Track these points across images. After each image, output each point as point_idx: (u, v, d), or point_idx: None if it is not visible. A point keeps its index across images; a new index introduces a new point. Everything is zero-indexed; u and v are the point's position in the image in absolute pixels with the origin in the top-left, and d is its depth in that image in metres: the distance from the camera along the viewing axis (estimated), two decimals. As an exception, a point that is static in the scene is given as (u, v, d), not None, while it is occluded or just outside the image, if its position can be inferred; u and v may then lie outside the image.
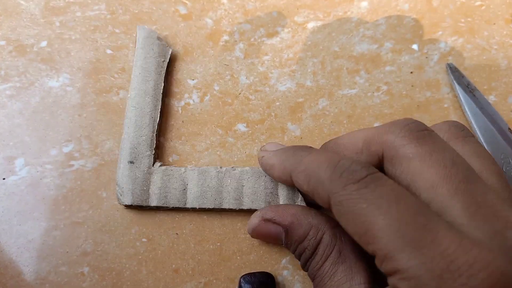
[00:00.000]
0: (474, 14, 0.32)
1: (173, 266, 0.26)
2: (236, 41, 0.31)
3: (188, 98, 0.29)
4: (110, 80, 0.29)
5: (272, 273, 0.25)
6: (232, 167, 0.26)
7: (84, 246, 0.26)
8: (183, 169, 0.26)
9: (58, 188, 0.26)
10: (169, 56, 0.28)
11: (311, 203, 0.25)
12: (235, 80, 0.30)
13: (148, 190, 0.26)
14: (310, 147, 0.23)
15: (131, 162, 0.26)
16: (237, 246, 0.26)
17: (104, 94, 0.29)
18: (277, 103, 0.29)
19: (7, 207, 0.26)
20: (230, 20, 0.31)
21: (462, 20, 0.32)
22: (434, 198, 0.18)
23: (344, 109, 0.29)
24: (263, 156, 0.25)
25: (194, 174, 0.26)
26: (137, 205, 0.26)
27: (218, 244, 0.26)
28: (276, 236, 0.23)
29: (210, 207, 0.26)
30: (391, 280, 0.17)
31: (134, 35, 0.30)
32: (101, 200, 0.26)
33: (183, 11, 0.31)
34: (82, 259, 0.25)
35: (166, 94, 0.29)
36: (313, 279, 0.21)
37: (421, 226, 0.17)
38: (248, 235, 0.27)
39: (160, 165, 0.26)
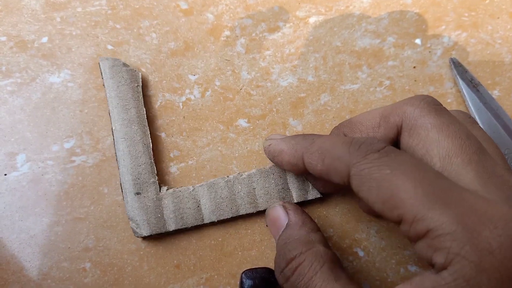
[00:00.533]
0: (478, 8, 0.32)
1: (175, 261, 0.26)
2: (238, 36, 0.30)
3: (189, 93, 0.29)
4: (111, 75, 0.29)
5: (273, 269, 0.25)
6: (239, 173, 0.26)
7: (86, 242, 0.26)
8: (191, 187, 0.26)
9: (59, 184, 0.26)
10: (140, 81, 0.28)
11: (321, 190, 0.26)
12: (236, 75, 0.30)
13: (163, 216, 0.25)
14: (319, 134, 0.23)
15: (138, 193, 0.25)
16: (238, 242, 0.26)
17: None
18: (279, 99, 0.29)
19: (9, 202, 0.26)
20: (231, 15, 0.31)
21: (466, 14, 0.32)
22: (448, 167, 0.19)
23: (346, 104, 0.29)
24: (270, 144, 0.24)
25: (204, 190, 0.25)
26: (155, 234, 0.25)
27: (220, 239, 0.26)
28: (279, 226, 0.24)
29: (228, 217, 0.25)
30: (421, 244, 0.17)
31: (135, 30, 0.30)
32: (103, 196, 0.26)
33: (184, 6, 0.31)
34: (84, 255, 0.25)
35: (167, 90, 0.29)
36: None
37: (446, 187, 0.17)
38: (250, 231, 0.27)
39: (167, 189, 0.26)
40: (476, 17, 0.32)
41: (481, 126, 0.28)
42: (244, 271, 0.25)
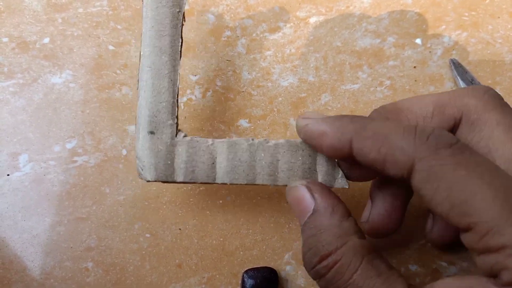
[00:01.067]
0: (478, 8, 0.32)
1: (177, 261, 0.26)
2: (238, 36, 0.30)
3: (190, 94, 0.29)
4: (113, 76, 0.29)
5: (275, 268, 0.26)
6: (265, 139, 0.23)
7: (88, 241, 0.26)
8: (210, 140, 0.23)
9: (61, 184, 0.27)
10: (184, 7, 0.24)
11: (348, 175, 0.23)
12: (237, 75, 0.30)
13: (173, 164, 0.23)
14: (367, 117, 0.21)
15: (152, 133, 0.23)
16: (240, 242, 0.26)
17: (106, 90, 0.29)
18: (280, 99, 0.29)
19: (11, 203, 0.26)
20: (232, 15, 0.31)
21: (466, 14, 0.32)
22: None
23: (347, 104, 0.29)
24: (307, 124, 0.21)
25: (223, 147, 0.23)
26: (161, 181, 0.23)
27: (221, 239, 0.26)
28: (304, 209, 0.20)
29: (242, 182, 0.23)
30: (488, 258, 0.16)
31: (137, 31, 0.30)
32: (105, 196, 0.27)
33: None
34: (86, 254, 0.26)
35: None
36: None
37: None
38: (251, 231, 0.27)
39: (184, 136, 0.23)
40: (477, 16, 0.32)
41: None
42: (245, 271, 0.25)
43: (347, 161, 0.22)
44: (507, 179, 0.16)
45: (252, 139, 0.23)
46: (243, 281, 0.25)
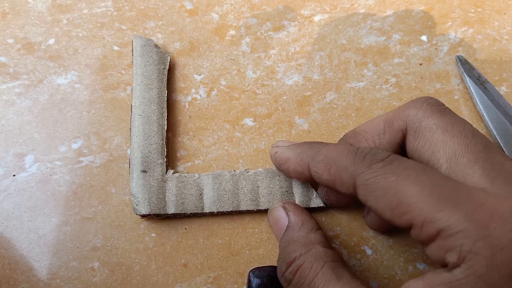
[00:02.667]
0: (484, 4, 0.32)
1: (182, 260, 0.26)
2: (243, 35, 0.30)
3: (195, 93, 0.29)
4: (117, 76, 0.29)
5: (281, 267, 0.25)
6: (246, 170, 0.26)
7: (94, 241, 0.26)
8: (197, 175, 0.26)
9: (67, 184, 0.27)
10: (168, 64, 0.28)
11: (325, 201, 0.26)
12: (241, 74, 0.30)
13: (164, 198, 0.25)
14: (324, 142, 0.23)
15: (144, 171, 0.25)
16: (245, 241, 0.26)
17: (111, 91, 0.29)
18: (284, 97, 0.29)
19: (17, 203, 0.26)
20: (236, 14, 0.31)
21: (472, 10, 0.31)
22: (455, 167, 0.19)
23: (352, 102, 0.29)
24: (276, 152, 0.24)
25: (209, 179, 0.26)
26: (154, 214, 0.25)
27: (227, 238, 0.26)
28: (280, 227, 0.24)
29: (228, 210, 0.26)
30: (433, 246, 0.17)
31: (141, 31, 0.30)
32: (110, 196, 0.27)
33: (189, 6, 0.31)
34: (92, 254, 0.26)
35: (173, 89, 0.29)
36: None
37: (453, 187, 0.17)
38: (257, 230, 0.27)
39: (173, 173, 0.26)
40: (483, 13, 0.31)
41: (490, 124, 0.28)
42: (251, 270, 0.25)
43: (323, 188, 0.25)
44: (433, 173, 0.18)
45: (234, 170, 0.26)
46: (249, 280, 0.25)
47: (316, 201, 0.26)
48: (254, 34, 0.30)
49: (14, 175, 0.27)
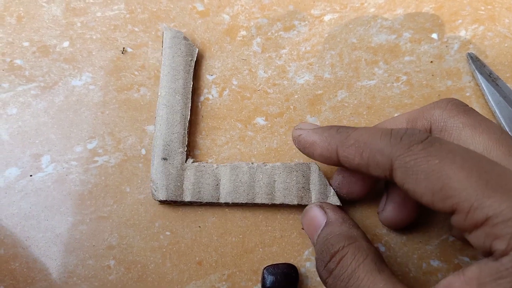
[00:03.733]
0: (494, 1, 0.32)
1: (197, 258, 0.26)
2: (253, 35, 0.31)
3: (207, 93, 0.29)
4: (131, 77, 0.29)
5: (295, 265, 0.26)
6: (264, 163, 0.26)
7: (109, 240, 0.26)
8: (215, 165, 0.26)
9: (83, 183, 0.27)
10: (196, 55, 0.29)
11: (337, 191, 0.25)
12: (253, 74, 0.30)
13: (182, 186, 0.26)
14: (352, 126, 0.23)
15: (165, 159, 0.26)
16: (259, 238, 0.26)
17: (125, 92, 0.29)
18: (296, 96, 0.29)
19: (34, 202, 0.27)
20: (247, 15, 0.31)
21: (482, 8, 0.31)
22: None
23: (364, 100, 0.29)
24: (300, 135, 0.23)
25: (226, 170, 0.26)
26: (171, 201, 0.26)
27: (241, 236, 0.27)
28: (317, 225, 0.23)
29: (243, 201, 0.26)
30: (478, 233, 0.17)
31: (153, 33, 0.30)
32: (125, 195, 0.27)
33: (200, 7, 0.31)
34: (108, 253, 0.26)
35: (186, 89, 0.29)
36: (343, 286, 0.20)
37: (501, 172, 0.17)
38: (270, 228, 0.27)
39: (193, 162, 0.26)
40: (493, 10, 0.31)
41: (502, 120, 0.28)
42: (265, 267, 0.25)
43: (338, 177, 0.25)
44: (479, 158, 0.17)
45: (252, 163, 0.26)
46: (263, 277, 0.25)
47: (333, 199, 0.25)
48: (265, 34, 0.31)
49: (31, 175, 0.27)
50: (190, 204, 0.27)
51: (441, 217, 0.26)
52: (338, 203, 0.25)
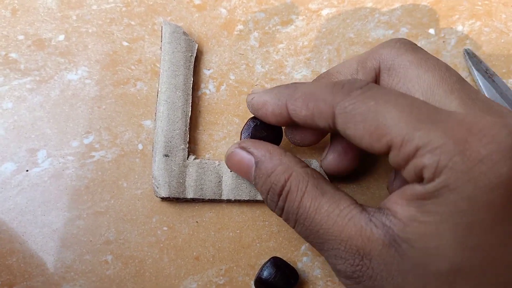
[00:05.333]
0: (491, -3, 0.32)
1: (194, 253, 0.26)
2: (251, 30, 0.31)
3: (205, 88, 0.29)
4: (127, 71, 0.29)
5: (291, 260, 0.26)
6: None
7: (107, 235, 0.26)
8: (217, 162, 0.26)
9: (80, 178, 0.27)
10: (195, 51, 0.29)
11: (291, 140, 0.25)
12: (250, 69, 0.30)
13: (184, 183, 0.26)
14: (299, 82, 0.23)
15: (166, 156, 0.26)
16: (256, 233, 0.27)
17: (121, 86, 0.29)
18: (293, 91, 0.29)
19: (31, 198, 0.27)
20: (244, 9, 0.31)
21: (479, 3, 0.31)
22: (431, 98, 0.20)
23: (361, 95, 0.29)
24: (253, 98, 0.23)
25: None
26: (173, 198, 0.26)
27: (238, 231, 0.27)
28: (247, 167, 0.23)
29: (245, 198, 0.26)
30: (411, 166, 0.17)
31: (150, 26, 0.30)
32: (122, 190, 0.27)
33: (197, 1, 0.31)
34: (105, 248, 0.26)
35: (183, 84, 0.29)
36: (294, 219, 0.21)
37: (432, 109, 0.17)
38: (267, 223, 0.27)
39: (194, 158, 0.26)
40: (490, 5, 0.31)
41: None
42: (274, 257, 0.25)
43: (289, 130, 0.25)
44: (412, 99, 0.18)
45: None
46: (265, 266, 0.25)
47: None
48: (262, 29, 0.31)
49: (27, 170, 0.27)
50: (192, 200, 0.27)
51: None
52: None
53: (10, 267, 0.25)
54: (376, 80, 0.23)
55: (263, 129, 0.24)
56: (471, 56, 0.30)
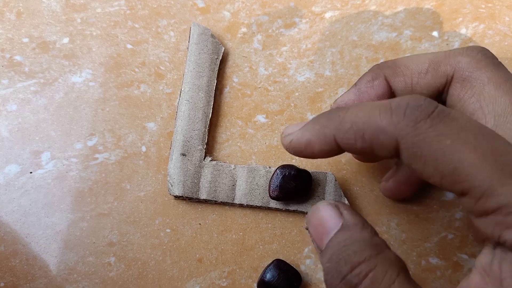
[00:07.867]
0: (494, 0, 0.32)
1: (197, 255, 0.26)
2: (254, 33, 0.31)
3: (208, 90, 0.29)
4: (131, 74, 0.29)
5: (294, 262, 0.26)
6: None
7: (110, 237, 0.26)
8: (232, 165, 0.27)
9: (83, 180, 0.27)
10: (221, 54, 0.29)
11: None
12: (253, 71, 0.30)
13: (199, 183, 0.26)
14: (344, 107, 0.19)
15: (183, 155, 0.26)
16: (259, 236, 0.27)
17: (125, 88, 0.29)
18: (296, 94, 0.29)
19: (35, 200, 0.27)
20: (248, 12, 0.31)
21: (483, 6, 0.31)
22: (503, 125, 0.18)
23: (364, 98, 0.29)
24: (291, 140, 0.20)
25: (243, 172, 0.26)
26: (186, 197, 0.26)
27: (241, 233, 0.27)
28: (328, 225, 0.19)
29: (258, 204, 0.26)
30: (488, 220, 0.16)
31: (154, 29, 0.30)
32: (125, 192, 0.27)
33: (201, 4, 0.31)
34: (108, 249, 0.26)
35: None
36: None
37: None
38: (270, 225, 0.27)
39: (211, 160, 0.27)
40: (493, 8, 0.31)
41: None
42: (277, 259, 0.25)
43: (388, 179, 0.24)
44: (494, 138, 0.16)
45: (269, 167, 0.26)
46: (267, 269, 0.25)
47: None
48: (266, 32, 0.31)
49: (31, 172, 0.27)
50: (205, 201, 0.27)
51: (440, 214, 0.27)
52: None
53: (13, 268, 0.26)
54: (445, 87, 0.21)
55: (292, 180, 0.25)
56: (475, 58, 0.30)
